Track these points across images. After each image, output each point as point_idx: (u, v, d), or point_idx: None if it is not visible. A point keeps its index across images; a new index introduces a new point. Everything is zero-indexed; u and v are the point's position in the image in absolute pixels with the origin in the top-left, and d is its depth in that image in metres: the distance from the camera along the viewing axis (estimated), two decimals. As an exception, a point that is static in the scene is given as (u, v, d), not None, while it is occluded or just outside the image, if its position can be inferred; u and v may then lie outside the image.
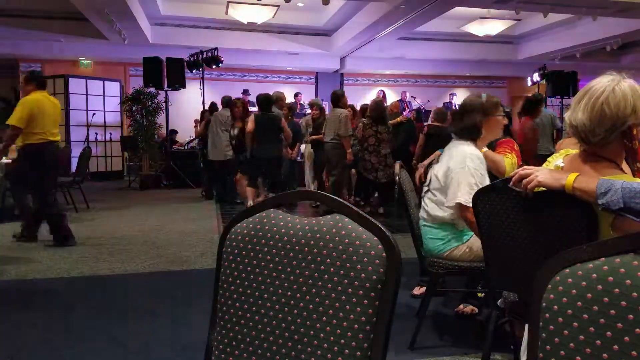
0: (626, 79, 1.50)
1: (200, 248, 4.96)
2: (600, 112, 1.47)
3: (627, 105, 1.45)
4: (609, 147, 1.53)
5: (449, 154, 2.65)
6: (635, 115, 1.46)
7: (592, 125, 1.48)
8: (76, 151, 8.77)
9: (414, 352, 2.68)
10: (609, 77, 1.50)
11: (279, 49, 12.37)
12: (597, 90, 1.48)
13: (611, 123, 1.47)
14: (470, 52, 13.04)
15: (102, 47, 11.54)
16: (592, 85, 1.51)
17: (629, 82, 1.49)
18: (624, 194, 1.35)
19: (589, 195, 1.44)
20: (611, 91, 1.46)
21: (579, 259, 0.80)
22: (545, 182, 1.54)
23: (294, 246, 0.97)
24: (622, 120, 1.46)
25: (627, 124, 1.47)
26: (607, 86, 1.47)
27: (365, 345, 0.88)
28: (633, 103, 1.46)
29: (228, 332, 1.02)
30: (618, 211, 1.37)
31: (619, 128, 1.47)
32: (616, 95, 1.46)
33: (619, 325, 0.73)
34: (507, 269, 1.91)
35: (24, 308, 3.35)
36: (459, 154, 2.57)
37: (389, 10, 8.91)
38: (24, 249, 4.87)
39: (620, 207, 1.36)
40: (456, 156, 2.57)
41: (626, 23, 9.86)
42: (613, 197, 1.37)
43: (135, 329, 3.01)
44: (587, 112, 1.49)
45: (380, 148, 6.39)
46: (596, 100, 1.47)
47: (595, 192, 1.41)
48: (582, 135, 1.53)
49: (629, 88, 1.47)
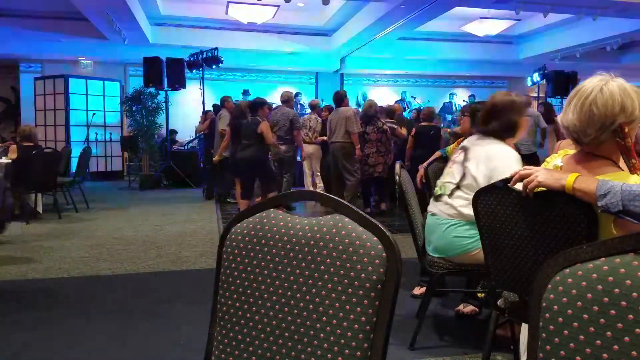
0: (615, 78, 1.51)
1: (200, 248, 4.96)
2: (589, 112, 1.49)
3: (614, 104, 1.47)
4: (603, 145, 1.55)
5: (484, 154, 2.54)
6: (625, 113, 1.48)
7: (582, 126, 1.51)
8: (76, 151, 8.77)
9: (414, 352, 2.68)
10: (599, 78, 1.52)
11: (279, 49, 12.37)
12: (586, 90, 1.51)
13: (600, 123, 1.48)
14: (470, 52, 13.03)
15: (102, 47, 11.53)
16: (582, 86, 1.54)
17: (618, 82, 1.51)
18: (623, 196, 1.36)
19: (589, 197, 1.44)
20: (599, 91, 1.48)
21: (579, 259, 0.80)
22: (545, 183, 1.54)
23: (294, 246, 0.97)
24: (611, 119, 1.48)
25: (617, 122, 1.48)
26: (596, 86, 1.49)
27: (365, 345, 0.88)
28: (621, 102, 1.47)
29: (228, 332, 1.02)
30: (617, 213, 1.37)
31: (609, 127, 1.49)
32: (604, 95, 1.48)
33: (619, 325, 0.73)
34: (507, 269, 1.91)
35: (24, 308, 3.35)
36: (500, 153, 2.50)
37: (389, 10, 8.91)
38: (24, 249, 4.87)
39: (619, 210, 1.36)
40: (499, 157, 2.48)
41: (626, 23, 9.86)
42: (612, 199, 1.37)
43: (135, 329, 3.01)
44: (577, 113, 1.51)
45: (365, 148, 6.62)
46: (585, 101, 1.50)
47: (595, 193, 1.41)
48: (575, 135, 1.55)
49: (617, 87, 1.49)
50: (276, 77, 14.22)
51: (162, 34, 11.53)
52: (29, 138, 6.48)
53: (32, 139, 6.49)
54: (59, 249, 4.86)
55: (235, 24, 11.02)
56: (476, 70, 14.40)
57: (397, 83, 14.87)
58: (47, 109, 11.30)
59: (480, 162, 2.54)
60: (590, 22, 9.90)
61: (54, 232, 5.66)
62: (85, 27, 10.15)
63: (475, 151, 2.60)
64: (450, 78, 15.11)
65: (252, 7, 9.72)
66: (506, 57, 13.45)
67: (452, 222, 2.59)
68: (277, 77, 14.22)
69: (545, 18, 10.13)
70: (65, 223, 6.22)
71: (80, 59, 12.67)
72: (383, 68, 14.11)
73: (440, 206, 2.65)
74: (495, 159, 2.50)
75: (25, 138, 6.46)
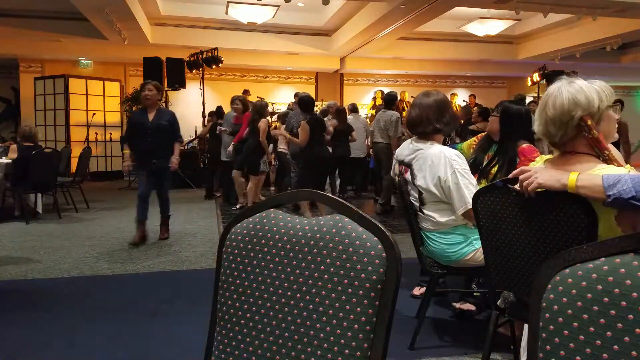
0: (575, 80, 1.62)
1: (200, 248, 4.96)
2: (545, 115, 1.61)
3: (567, 102, 1.57)
4: (576, 142, 1.63)
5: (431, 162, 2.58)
6: (580, 107, 1.56)
7: (545, 129, 1.63)
8: (76, 151, 8.77)
9: (414, 352, 2.68)
10: (558, 82, 1.64)
11: (279, 49, 12.36)
12: (546, 94, 1.64)
13: (559, 121, 1.59)
14: (470, 52, 13.02)
15: (102, 47, 11.52)
16: (546, 91, 1.67)
17: (576, 84, 1.60)
18: (634, 183, 1.39)
19: (595, 191, 1.46)
20: (552, 95, 1.60)
21: (579, 259, 0.80)
22: (546, 184, 1.55)
23: (294, 246, 0.97)
24: (568, 115, 1.57)
25: (576, 117, 1.56)
26: (552, 92, 1.62)
27: (365, 345, 0.88)
28: (573, 98, 1.57)
29: (228, 332, 1.02)
30: (630, 200, 1.39)
31: (570, 123, 1.57)
32: (557, 97, 1.59)
33: (619, 325, 0.73)
34: (507, 269, 1.91)
35: (24, 308, 3.35)
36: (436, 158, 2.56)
37: (389, 10, 8.90)
38: (24, 249, 4.87)
39: (632, 196, 1.39)
40: (436, 163, 2.54)
41: (626, 23, 9.85)
42: (624, 186, 1.40)
43: (135, 329, 3.01)
44: (539, 119, 1.64)
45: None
46: (543, 105, 1.63)
47: (602, 186, 1.43)
48: (546, 139, 1.67)
49: (571, 87, 1.59)
50: (276, 77, 14.22)
51: (162, 34, 11.52)
52: (29, 138, 6.48)
53: (32, 139, 6.50)
54: (59, 249, 4.86)
55: (235, 24, 11.00)
56: (476, 70, 14.39)
57: (397, 83, 14.86)
58: (47, 109, 11.30)
59: (426, 172, 2.58)
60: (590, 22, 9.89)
61: (54, 232, 5.66)
62: (85, 27, 10.13)
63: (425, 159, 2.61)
64: (450, 78, 15.11)
65: (252, 7, 9.71)
66: (506, 57, 13.44)
67: (436, 233, 2.63)
68: (277, 77, 14.22)
69: (545, 18, 10.12)
70: (65, 223, 6.22)
71: (80, 59, 12.67)
72: (383, 68, 14.11)
73: (422, 222, 2.70)
74: (432, 166, 2.56)
75: (25, 138, 6.47)
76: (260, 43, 12.05)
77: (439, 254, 2.63)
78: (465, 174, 2.49)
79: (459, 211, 2.48)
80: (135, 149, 5.20)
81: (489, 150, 3.05)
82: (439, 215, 2.58)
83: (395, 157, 2.87)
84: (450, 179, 2.47)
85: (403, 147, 2.78)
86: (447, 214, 2.56)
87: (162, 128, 5.09)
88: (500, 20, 10.79)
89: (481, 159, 3.04)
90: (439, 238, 2.61)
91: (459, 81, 15.28)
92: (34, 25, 10.58)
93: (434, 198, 2.56)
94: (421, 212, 2.65)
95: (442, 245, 2.60)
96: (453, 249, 2.57)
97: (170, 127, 5.16)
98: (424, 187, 2.58)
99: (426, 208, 2.62)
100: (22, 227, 5.93)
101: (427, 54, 13.12)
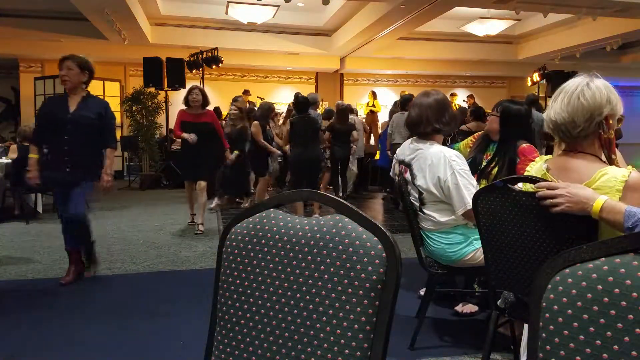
0: (597, 77, 1.60)
1: (200, 248, 4.96)
2: (576, 104, 1.58)
3: (601, 96, 1.56)
4: (585, 141, 1.62)
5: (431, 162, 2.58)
6: (610, 105, 1.57)
7: (570, 117, 1.58)
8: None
9: (414, 352, 2.68)
10: (582, 76, 1.62)
11: (279, 49, 12.36)
12: (572, 87, 1.60)
13: (589, 113, 1.56)
14: (470, 52, 13.02)
15: (102, 47, 11.52)
16: (566, 85, 1.63)
17: (601, 80, 1.60)
18: None
19: (617, 228, 1.47)
20: (585, 86, 1.58)
21: (579, 259, 0.80)
22: (572, 210, 1.54)
23: (294, 246, 0.97)
24: (599, 110, 1.56)
25: (604, 114, 1.56)
26: (580, 83, 1.59)
27: (365, 345, 0.88)
28: (607, 95, 1.57)
29: (228, 332, 1.02)
30: None
31: (596, 118, 1.57)
32: (591, 89, 1.57)
33: (619, 325, 0.73)
34: (507, 269, 1.91)
35: (24, 308, 3.35)
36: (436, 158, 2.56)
37: (389, 10, 8.90)
38: (24, 249, 4.87)
39: None
40: (437, 164, 2.54)
41: (626, 23, 9.85)
42: None
43: (135, 329, 3.01)
44: (565, 106, 1.60)
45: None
46: (572, 95, 1.59)
47: (622, 224, 1.44)
48: (563, 128, 1.62)
49: (601, 83, 1.59)
50: (276, 77, 14.22)
51: (162, 34, 11.52)
52: (29, 138, 6.48)
53: (32, 139, 6.48)
54: (59, 249, 4.86)
55: (235, 24, 11.00)
56: (476, 70, 14.39)
57: (397, 83, 14.86)
58: (47, 109, 11.28)
59: (427, 172, 2.57)
60: (590, 22, 9.89)
61: (54, 232, 5.64)
62: (85, 27, 10.13)
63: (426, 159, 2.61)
64: (450, 78, 15.10)
65: (252, 7, 9.71)
66: (506, 57, 13.44)
67: (436, 233, 2.63)
68: (277, 77, 14.22)
69: (545, 18, 10.12)
70: (65, 223, 6.21)
71: (81, 59, 12.66)
72: (383, 68, 14.11)
73: (422, 222, 2.69)
74: (432, 167, 2.56)
75: (25, 138, 6.46)
76: (260, 43, 12.06)
77: (439, 254, 2.63)
78: (465, 175, 2.49)
79: (458, 211, 2.48)
80: (48, 150, 3.71)
81: (487, 150, 3.05)
82: (439, 215, 2.58)
83: (395, 157, 2.87)
84: (450, 180, 2.47)
85: (403, 147, 2.78)
86: (447, 213, 2.56)
87: (85, 123, 3.61)
88: (500, 20, 10.79)
89: (480, 158, 3.04)
90: (439, 238, 2.61)
91: (459, 81, 15.28)
92: (34, 25, 10.58)
93: (433, 198, 2.56)
94: (421, 212, 2.65)
95: (443, 245, 2.60)
96: (453, 249, 2.57)
97: (98, 123, 3.67)
98: (423, 187, 2.58)
99: (426, 208, 2.62)
100: (22, 227, 5.93)
101: (427, 54, 13.12)
